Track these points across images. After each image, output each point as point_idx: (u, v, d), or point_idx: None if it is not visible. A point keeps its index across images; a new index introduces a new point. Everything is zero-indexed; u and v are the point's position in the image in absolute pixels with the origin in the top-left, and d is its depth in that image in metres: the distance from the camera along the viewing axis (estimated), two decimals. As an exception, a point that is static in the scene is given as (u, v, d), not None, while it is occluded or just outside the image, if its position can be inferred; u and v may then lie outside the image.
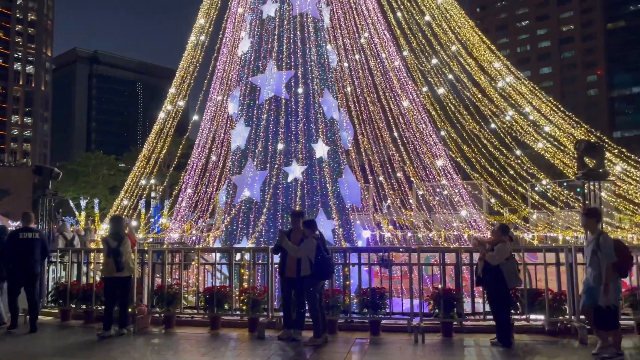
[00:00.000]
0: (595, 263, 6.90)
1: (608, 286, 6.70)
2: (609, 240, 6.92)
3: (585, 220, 7.35)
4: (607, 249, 6.80)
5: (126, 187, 20.05)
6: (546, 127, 17.92)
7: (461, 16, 18.44)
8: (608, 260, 6.76)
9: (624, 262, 6.96)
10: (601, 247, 6.83)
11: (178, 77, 19.30)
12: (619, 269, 6.87)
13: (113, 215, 9.62)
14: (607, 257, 6.77)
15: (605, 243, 6.85)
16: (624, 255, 6.93)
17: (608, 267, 6.74)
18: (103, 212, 36.84)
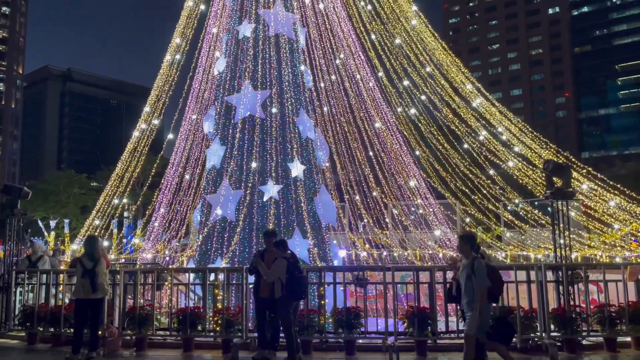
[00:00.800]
0: (469, 289, 6.79)
1: (480, 311, 6.58)
2: (482, 266, 6.81)
3: (461, 245, 7.12)
4: (480, 274, 6.69)
5: (98, 206, 19.70)
6: (516, 147, 18.37)
7: (433, 40, 18.91)
8: (481, 285, 6.66)
9: (496, 288, 6.89)
10: (475, 272, 6.73)
11: (153, 96, 19.20)
12: (489, 295, 6.78)
13: (88, 235, 9.42)
14: (480, 282, 6.67)
15: (479, 268, 6.74)
16: (496, 281, 6.86)
17: (482, 292, 6.63)
18: (74, 232, 35.99)
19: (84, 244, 8.71)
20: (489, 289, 6.74)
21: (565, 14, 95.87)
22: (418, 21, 18.52)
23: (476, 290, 6.67)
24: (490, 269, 6.94)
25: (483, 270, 6.75)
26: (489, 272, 6.82)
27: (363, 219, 23.58)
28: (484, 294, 6.66)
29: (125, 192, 20.11)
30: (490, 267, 7.05)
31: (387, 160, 20.45)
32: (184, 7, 19.10)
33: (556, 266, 9.08)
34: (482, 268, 6.78)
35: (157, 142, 23.00)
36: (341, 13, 19.68)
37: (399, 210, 22.06)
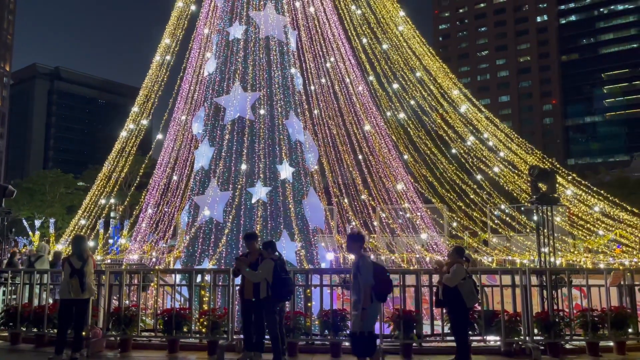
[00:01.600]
0: (356, 287, 6.68)
1: (365, 311, 6.51)
2: (367, 264, 6.71)
3: (350, 244, 7.06)
4: (364, 272, 6.58)
5: (84, 206, 19.53)
6: (502, 153, 18.56)
7: (423, 44, 19.05)
8: (365, 283, 6.55)
9: (383, 286, 6.77)
10: (360, 270, 6.64)
11: (142, 96, 19.10)
12: (377, 294, 6.72)
13: (76, 235, 9.29)
14: (364, 281, 6.58)
15: (364, 266, 6.64)
16: (382, 280, 6.74)
17: (365, 290, 6.55)
18: (59, 232, 35.60)
19: (71, 244, 8.58)
20: (376, 288, 6.63)
21: (553, 22, 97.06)
22: (406, 27, 18.65)
23: (361, 289, 6.58)
24: (377, 268, 6.82)
25: (367, 269, 6.65)
26: (376, 271, 6.72)
27: (351, 222, 23.64)
28: (367, 293, 6.56)
29: (112, 192, 19.96)
30: (377, 266, 6.92)
31: (375, 164, 20.54)
32: (174, 7, 19.05)
33: (540, 271, 9.19)
34: (367, 266, 6.68)
35: (145, 143, 22.88)
36: (332, 17, 19.75)
37: (387, 214, 22.15)
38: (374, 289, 6.64)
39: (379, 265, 7.14)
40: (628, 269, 10.09)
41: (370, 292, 6.59)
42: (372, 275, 6.64)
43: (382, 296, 6.92)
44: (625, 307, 8.92)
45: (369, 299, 6.56)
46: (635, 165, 60.22)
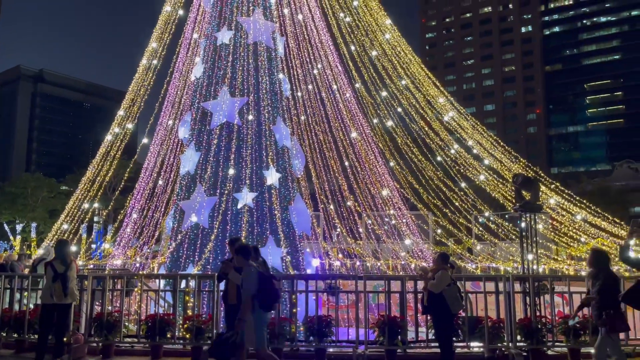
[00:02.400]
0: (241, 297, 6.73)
1: (241, 321, 6.55)
2: (251, 273, 6.73)
3: (236, 258, 7.08)
4: (246, 281, 6.65)
5: (67, 210, 19.28)
6: (486, 161, 18.75)
7: (409, 53, 19.23)
8: (246, 292, 6.62)
9: (267, 295, 6.75)
10: (243, 280, 6.70)
11: (128, 99, 18.97)
12: (261, 303, 6.71)
13: (59, 239, 9.18)
14: (246, 289, 6.63)
15: (247, 275, 6.69)
16: (266, 289, 6.75)
17: (245, 300, 6.58)
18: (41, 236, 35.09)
19: (55, 248, 8.43)
20: (260, 297, 6.65)
21: (537, 33, 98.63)
22: (393, 34, 18.82)
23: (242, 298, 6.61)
24: (262, 277, 6.79)
25: (250, 278, 6.68)
26: (261, 280, 6.72)
27: (337, 229, 23.69)
28: (247, 302, 6.59)
29: (96, 197, 19.75)
30: (263, 275, 6.87)
31: (361, 171, 20.63)
32: (162, 11, 19.00)
33: (523, 277, 9.28)
34: (250, 276, 6.70)
35: (130, 147, 22.69)
36: (320, 24, 19.86)
37: (373, 221, 22.22)
38: (257, 299, 6.62)
39: (265, 274, 7.01)
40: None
41: (252, 302, 6.58)
42: (256, 284, 6.62)
43: (267, 306, 6.82)
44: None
45: (247, 309, 6.57)
46: (616, 175, 61.22)
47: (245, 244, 8.02)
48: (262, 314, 6.73)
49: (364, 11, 19.13)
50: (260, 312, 6.71)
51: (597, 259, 7.21)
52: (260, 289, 6.72)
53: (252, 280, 6.59)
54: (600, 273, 7.05)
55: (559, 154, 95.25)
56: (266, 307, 6.81)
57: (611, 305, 6.87)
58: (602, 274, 7.01)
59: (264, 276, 6.87)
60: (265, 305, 6.77)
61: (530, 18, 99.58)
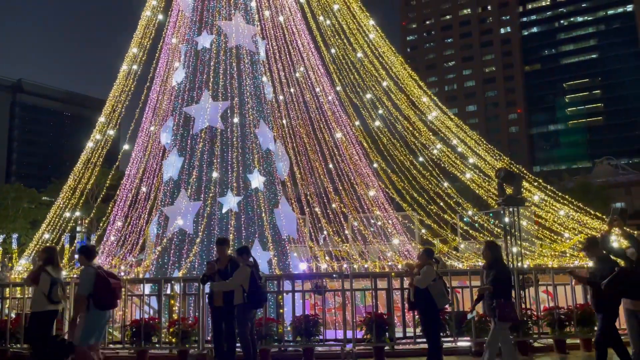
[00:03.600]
0: None
1: (75, 321, 6.58)
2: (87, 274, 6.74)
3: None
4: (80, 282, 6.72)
5: (48, 219, 18.97)
6: (470, 159, 18.90)
7: (392, 54, 19.34)
8: (79, 292, 6.67)
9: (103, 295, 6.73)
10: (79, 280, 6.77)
11: (108, 106, 18.77)
12: (96, 303, 6.72)
13: (49, 246, 8.94)
14: (79, 290, 6.68)
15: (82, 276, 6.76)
16: (100, 287, 6.73)
17: (77, 299, 6.61)
18: (22, 247, 34.46)
19: (46, 254, 7.98)
20: (95, 297, 6.68)
21: (516, 34, 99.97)
22: (376, 35, 18.92)
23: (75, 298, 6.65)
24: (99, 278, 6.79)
25: (86, 279, 6.73)
26: (98, 281, 6.74)
27: (323, 231, 23.65)
28: (82, 302, 6.64)
29: (77, 205, 19.46)
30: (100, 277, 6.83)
31: (346, 172, 20.66)
32: (142, 17, 18.86)
33: (508, 271, 9.33)
34: (86, 276, 6.76)
35: (112, 154, 22.44)
36: (301, 26, 19.89)
37: (359, 222, 22.23)
38: (92, 299, 6.67)
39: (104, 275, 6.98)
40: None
41: (86, 302, 6.64)
42: (92, 285, 6.67)
43: (102, 306, 6.85)
44: (590, 305, 9.14)
45: (77, 309, 6.65)
46: (597, 172, 62.16)
47: (245, 245, 8.11)
48: (96, 314, 6.75)
49: (345, 13, 19.20)
50: (96, 312, 6.75)
51: (491, 251, 7.44)
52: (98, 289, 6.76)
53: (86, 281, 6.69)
54: (493, 265, 7.28)
55: (541, 153, 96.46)
56: (102, 306, 6.83)
57: (502, 295, 7.06)
58: (495, 266, 7.24)
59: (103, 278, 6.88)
60: (101, 305, 6.79)
61: (509, 19, 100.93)
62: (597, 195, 44.03)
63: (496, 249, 7.53)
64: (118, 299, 7.06)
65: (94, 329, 6.76)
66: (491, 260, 7.37)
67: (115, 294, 6.97)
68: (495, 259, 7.35)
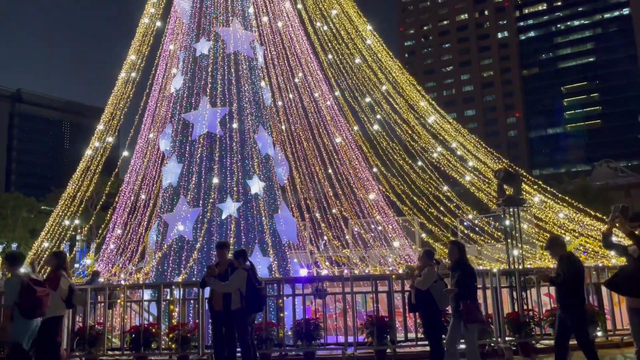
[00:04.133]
0: None
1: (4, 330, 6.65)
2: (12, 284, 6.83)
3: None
4: (6, 292, 6.82)
5: (47, 228, 18.90)
6: (470, 162, 18.88)
7: (389, 59, 19.37)
8: (6, 302, 6.77)
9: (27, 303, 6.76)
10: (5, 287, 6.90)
11: (107, 114, 18.76)
12: (22, 311, 6.75)
13: (59, 251, 8.86)
14: (5, 299, 6.78)
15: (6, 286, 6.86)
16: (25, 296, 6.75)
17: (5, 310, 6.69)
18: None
19: (57, 259, 7.81)
20: (21, 306, 6.71)
21: (513, 38, 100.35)
22: (374, 40, 18.96)
23: None
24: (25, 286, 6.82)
25: (9, 288, 6.81)
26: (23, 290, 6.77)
27: (324, 237, 23.58)
28: (7, 312, 6.71)
29: (76, 213, 19.40)
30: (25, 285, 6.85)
31: (346, 176, 20.62)
32: (140, 24, 18.90)
33: (509, 272, 9.32)
34: (9, 286, 6.81)
35: (111, 161, 22.41)
36: (299, 32, 19.94)
37: (359, 227, 22.16)
38: (18, 308, 6.73)
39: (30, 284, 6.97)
40: (594, 267, 10.32)
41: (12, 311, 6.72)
42: (18, 294, 6.73)
43: (28, 315, 6.86)
44: (592, 306, 9.11)
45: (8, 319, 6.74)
46: (596, 175, 62.12)
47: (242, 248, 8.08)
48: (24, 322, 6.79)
49: (342, 18, 19.25)
50: (23, 321, 6.78)
51: (454, 251, 7.29)
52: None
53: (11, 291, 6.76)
54: (457, 265, 7.15)
55: (540, 156, 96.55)
56: (28, 314, 6.83)
57: (468, 297, 6.93)
58: (460, 267, 7.12)
59: (29, 287, 6.88)
60: (28, 313, 6.80)
61: (506, 24, 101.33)
62: (596, 198, 43.95)
63: (461, 248, 7.37)
64: (46, 307, 6.96)
65: (23, 338, 6.70)
66: (456, 260, 7.21)
67: (42, 303, 6.90)
68: (460, 259, 7.20)
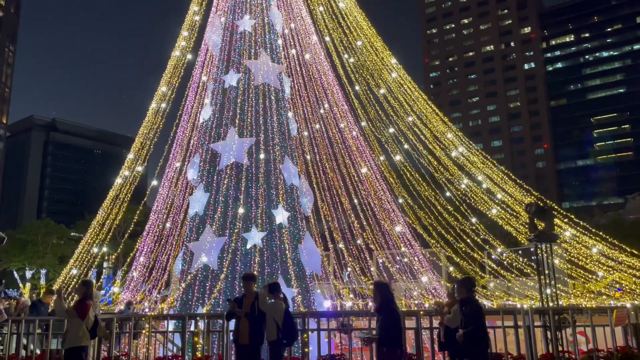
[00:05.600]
0: None
1: None
2: None
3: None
4: None
5: (76, 255, 19.17)
6: (499, 195, 18.55)
7: (415, 90, 19.41)
8: None
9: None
10: None
11: (137, 143, 19.18)
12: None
13: (87, 280, 8.94)
14: None
15: None
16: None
17: None
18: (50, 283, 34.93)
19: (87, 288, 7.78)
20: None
21: (540, 69, 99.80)
22: (399, 73, 19.07)
23: None
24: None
25: None
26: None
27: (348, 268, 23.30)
28: None
29: (105, 241, 19.66)
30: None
31: (372, 207, 20.47)
32: (171, 56, 19.45)
33: (543, 310, 8.97)
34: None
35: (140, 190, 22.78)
36: (326, 63, 20.21)
37: (384, 259, 21.86)
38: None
39: None
40: (634, 306, 9.86)
41: None
42: None
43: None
44: (631, 347, 8.68)
45: None
46: (629, 208, 60.37)
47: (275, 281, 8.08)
48: None
49: (368, 50, 19.47)
50: None
51: (379, 292, 6.76)
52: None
53: None
54: (381, 308, 6.62)
55: (570, 188, 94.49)
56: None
57: (387, 343, 6.37)
58: (384, 309, 6.58)
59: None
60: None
61: (533, 55, 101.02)
62: (631, 232, 42.56)
63: (385, 289, 6.81)
64: None
65: None
66: (380, 302, 6.67)
67: None
68: (384, 301, 6.65)
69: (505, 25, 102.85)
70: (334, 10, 19.97)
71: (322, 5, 20.15)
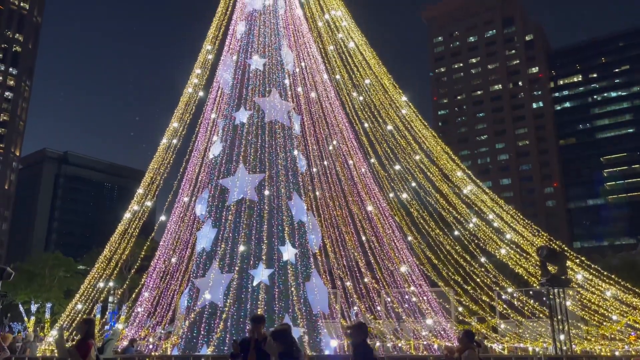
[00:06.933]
0: None
1: None
2: None
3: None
4: None
5: (82, 289, 19.06)
6: (508, 235, 18.34)
7: (424, 128, 19.51)
8: None
9: None
10: None
11: (147, 178, 19.30)
12: None
13: (89, 318, 8.84)
14: None
15: None
16: None
17: None
18: (55, 317, 34.61)
19: (89, 326, 7.70)
20: None
21: (548, 108, 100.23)
22: (408, 110, 19.22)
23: None
24: None
25: None
26: None
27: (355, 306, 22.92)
28: None
29: (111, 275, 19.56)
30: None
31: (379, 246, 20.28)
32: (183, 93, 19.79)
33: (556, 358, 8.72)
34: None
35: (148, 224, 22.78)
36: (334, 101, 20.44)
37: (392, 298, 21.50)
38: None
39: None
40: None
41: None
42: None
43: None
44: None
45: None
46: (642, 249, 59.29)
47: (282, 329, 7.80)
48: None
49: (377, 88, 19.69)
50: None
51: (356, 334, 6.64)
52: None
53: None
54: (356, 351, 6.47)
55: (581, 228, 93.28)
56: None
57: None
58: (357, 352, 6.43)
59: None
60: None
61: (541, 94, 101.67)
62: (644, 274, 41.63)
63: (362, 331, 6.67)
64: None
65: None
66: (356, 345, 6.53)
67: None
68: (360, 343, 6.49)
69: (513, 65, 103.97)
70: (344, 50, 20.30)
71: (332, 45, 20.53)
